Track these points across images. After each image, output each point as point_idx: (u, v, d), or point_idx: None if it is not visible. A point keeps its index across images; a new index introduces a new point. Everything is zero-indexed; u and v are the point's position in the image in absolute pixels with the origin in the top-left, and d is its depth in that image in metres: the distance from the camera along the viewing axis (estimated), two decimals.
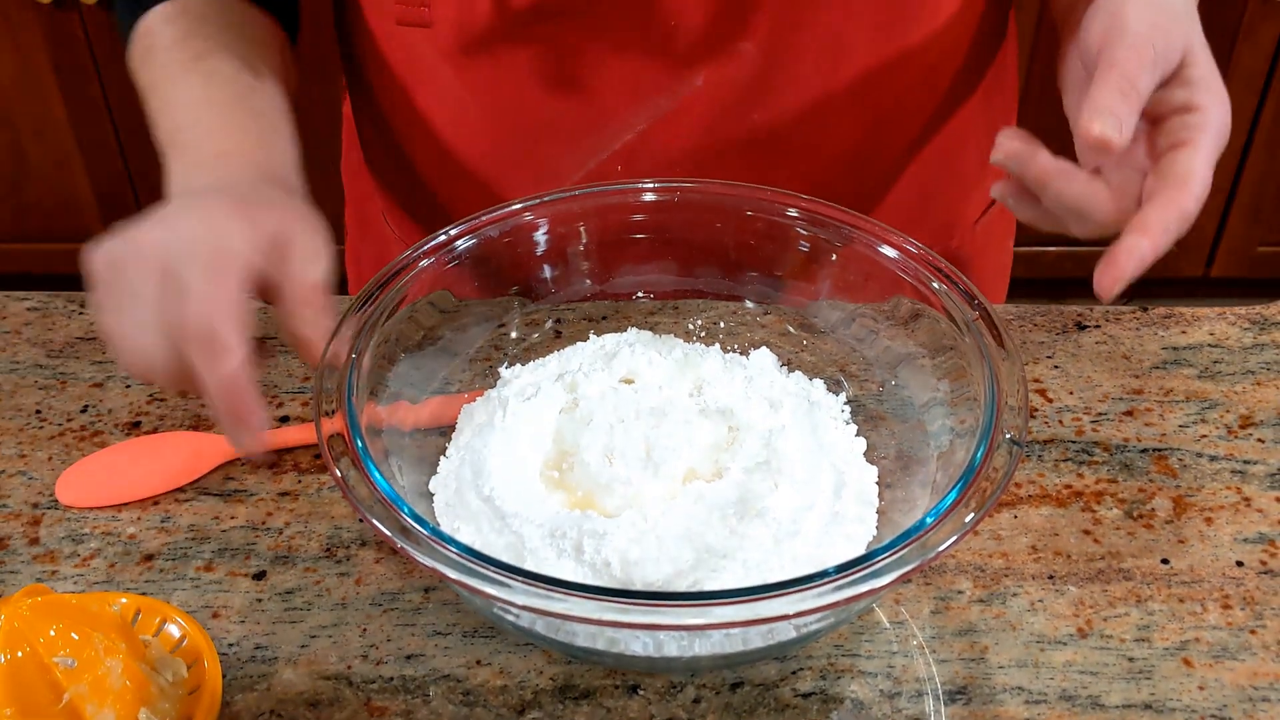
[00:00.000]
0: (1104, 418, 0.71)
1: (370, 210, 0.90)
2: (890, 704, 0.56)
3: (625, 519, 0.56)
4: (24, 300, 0.81)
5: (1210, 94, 0.57)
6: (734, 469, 0.59)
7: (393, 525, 0.49)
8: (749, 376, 0.66)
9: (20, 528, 0.65)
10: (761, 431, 0.61)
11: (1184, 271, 2.08)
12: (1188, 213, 0.55)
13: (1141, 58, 0.56)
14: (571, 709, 0.56)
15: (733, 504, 0.57)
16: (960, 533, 0.49)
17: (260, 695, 0.56)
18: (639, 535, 0.55)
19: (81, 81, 1.91)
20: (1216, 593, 0.61)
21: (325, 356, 0.56)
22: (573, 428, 0.61)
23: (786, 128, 0.75)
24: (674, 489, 0.58)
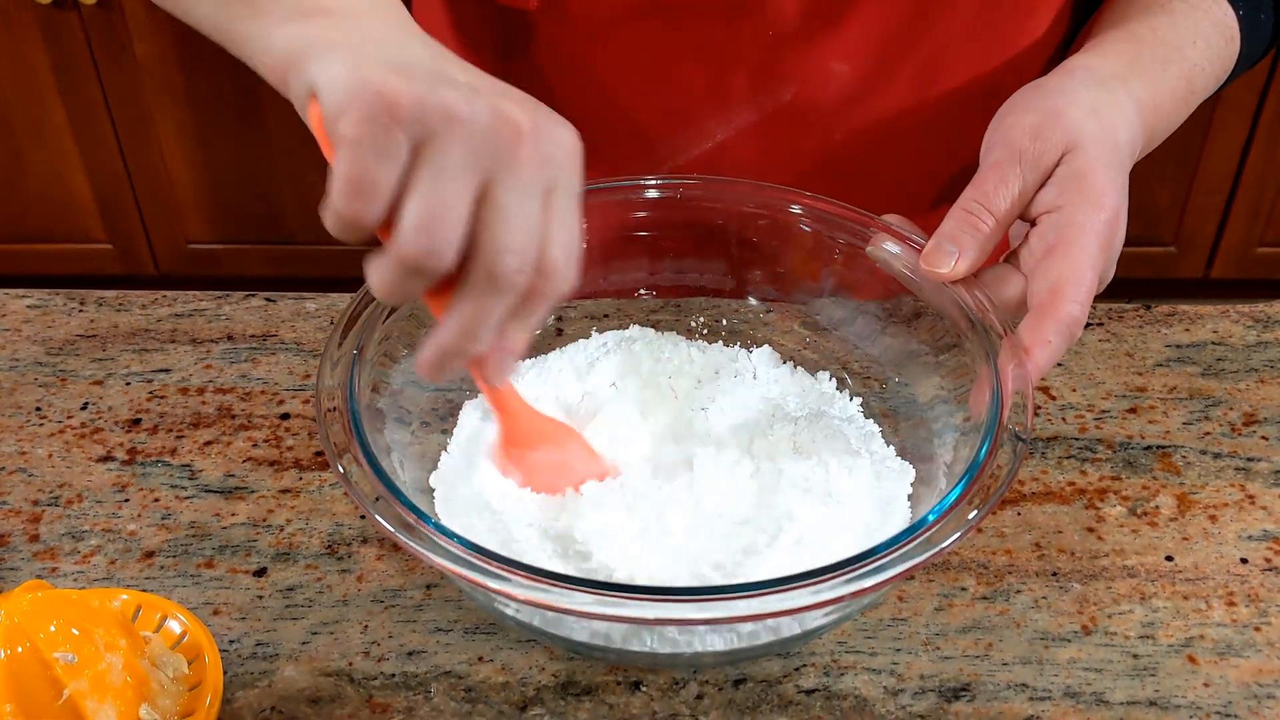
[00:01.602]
0: (1107, 415, 0.71)
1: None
2: (894, 700, 0.56)
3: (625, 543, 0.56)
4: (24, 298, 0.81)
5: (1078, 191, 0.56)
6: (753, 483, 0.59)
7: (395, 521, 0.49)
8: (754, 375, 0.65)
9: (20, 525, 0.65)
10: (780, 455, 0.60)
11: (1184, 273, 2.08)
12: (1067, 320, 0.55)
13: (1004, 174, 0.57)
14: (574, 705, 0.56)
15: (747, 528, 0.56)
16: (964, 530, 0.48)
17: (261, 692, 0.56)
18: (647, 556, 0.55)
19: (80, 82, 1.90)
20: (1221, 590, 0.61)
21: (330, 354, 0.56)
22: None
23: (868, 149, 0.75)
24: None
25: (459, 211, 0.45)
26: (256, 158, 1.99)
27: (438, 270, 0.45)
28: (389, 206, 0.45)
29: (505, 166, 0.45)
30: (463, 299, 0.46)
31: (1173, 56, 0.64)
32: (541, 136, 0.46)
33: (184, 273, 2.12)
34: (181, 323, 0.78)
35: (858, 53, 0.70)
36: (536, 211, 0.46)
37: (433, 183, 0.44)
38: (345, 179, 0.44)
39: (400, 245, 0.45)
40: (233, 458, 0.69)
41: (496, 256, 0.45)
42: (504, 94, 0.47)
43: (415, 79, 0.44)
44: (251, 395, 0.73)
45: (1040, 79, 0.62)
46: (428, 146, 0.44)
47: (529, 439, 0.58)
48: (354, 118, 0.44)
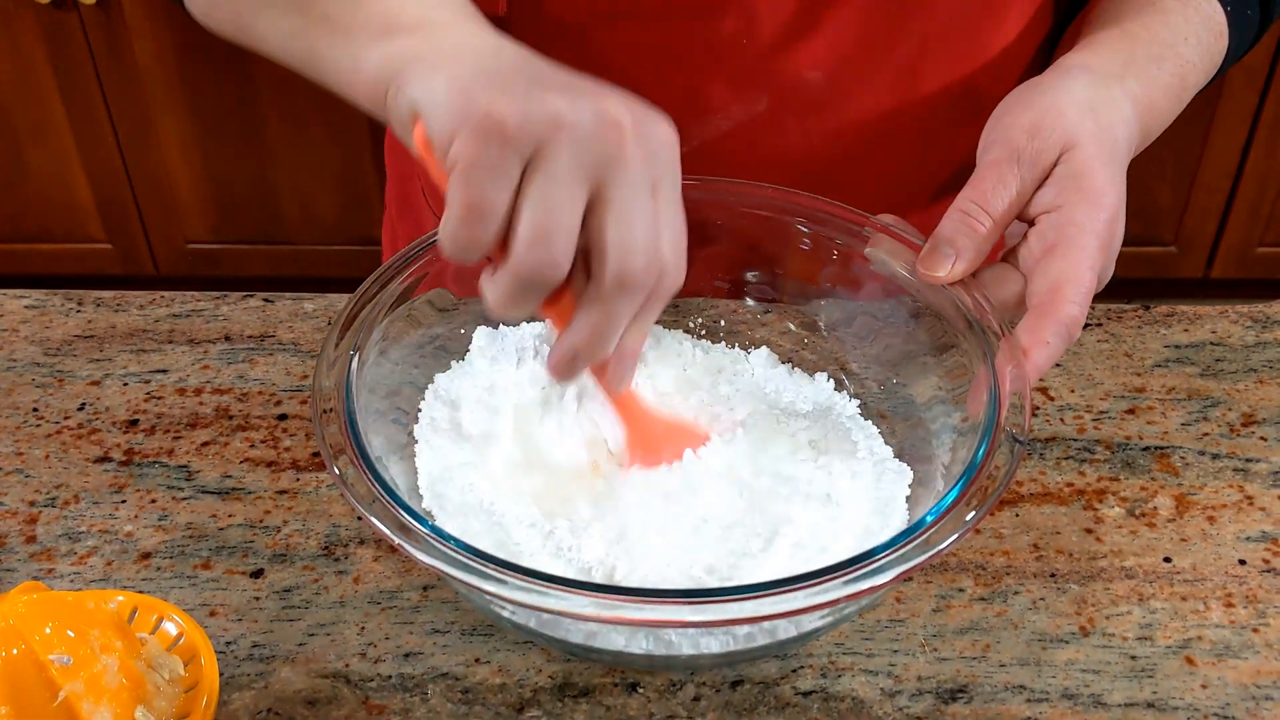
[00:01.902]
0: (1106, 416, 0.71)
1: (411, 189, 0.89)
2: (891, 702, 0.56)
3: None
4: (21, 298, 0.81)
5: (1077, 190, 0.56)
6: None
7: (391, 523, 0.49)
8: (751, 375, 0.65)
9: (17, 526, 0.64)
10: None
11: (1184, 272, 2.08)
12: (1066, 320, 0.54)
13: (1002, 174, 0.57)
14: (571, 707, 0.56)
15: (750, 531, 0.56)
16: (961, 531, 0.48)
17: (258, 693, 0.56)
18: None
19: (80, 82, 1.90)
20: (1219, 591, 0.61)
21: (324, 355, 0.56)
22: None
23: (846, 154, 0.75)
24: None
25: (571, 220, 0.45)
26: (256, 158, 1.99)
27: (554, 281, 0.46)
28: (505, 225, 0.45)
29: (615, 167, 0.45)
30: (591, 302, 0.47)
31: (1166, 54, 0.64)
32: (644, 132, 0.46)
33: (184, 273, 2.12)
34: (179, 323, 0.78)
35: (834, 58, 0.70)
36: (651, 208, 0.46)
37: (544, 194, 0.44)
38: (463, 204, 0.45)
39: (516, 261, 0.45)
40: (230, 459, 0.68)
41: (624, 259, 0.45)
42: (601, 93, 0.46)
43: (517, 91, 0.45)
44: (249, 396, 0.73)
45: (1036, 77, 0.61)
46: (537, 159, 0.44)
47: (654, 443, 0.58)
48: (466, 141, 0.44)
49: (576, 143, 0.44)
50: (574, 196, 0.45)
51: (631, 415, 0.58)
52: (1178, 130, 0.67)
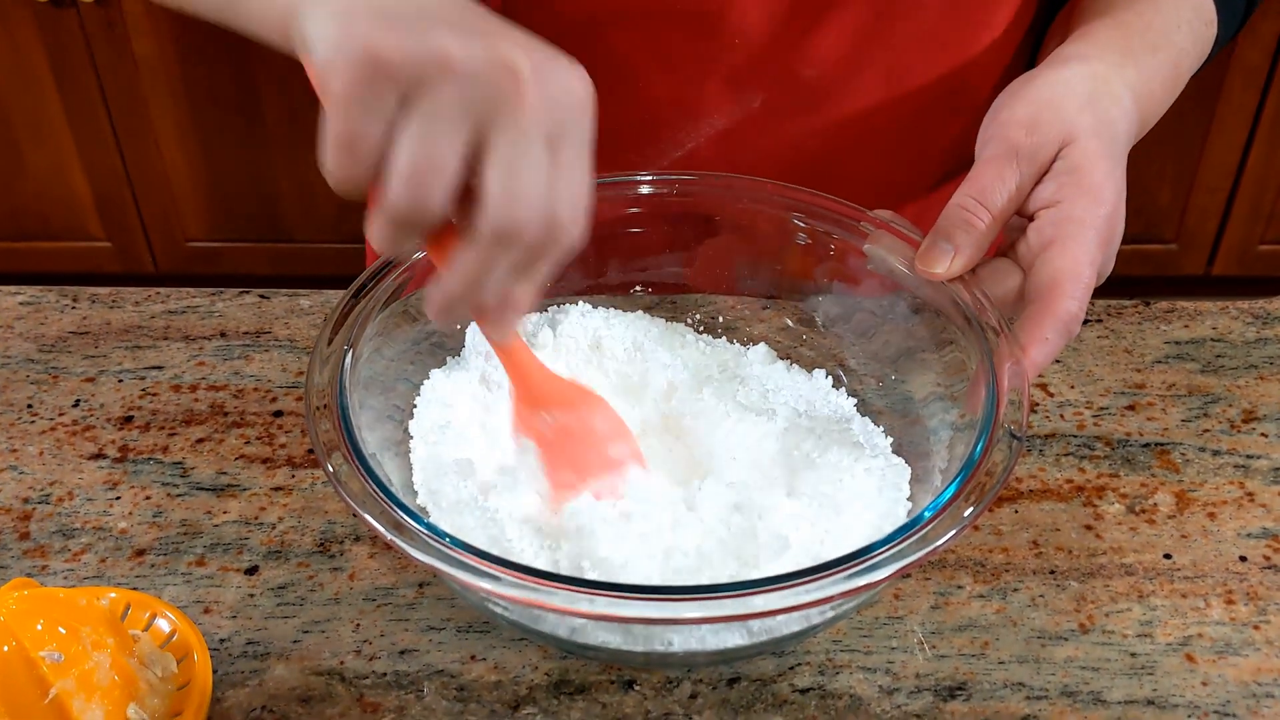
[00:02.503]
0: (1106, 412, 0.71)
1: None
2: (889, 700, 0.55)
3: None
4: (16, 295, 0.80)
5: (1076, 185, 0.56)
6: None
7: (385, 520, 0.48)
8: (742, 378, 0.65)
9: (11, 522, 0.64)
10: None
11: (1185, 270, 2.08)
12: (1065, 317, 0.54)
13: (1000, 170, 0.57)
14: (566, 704, 0.55)
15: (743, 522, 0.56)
16: (959, 527, 0.48)
17: (252, 691, 0.56)
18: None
19: (79, 79, 1.90)
20: (1220, 588, 0.60)
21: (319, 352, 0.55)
22: None
23: (836, 151, 0.74)
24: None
25: (449, 160, 0.43)
26: (255, 155, 1.98)
27: (427, 221, 0.44)
28: (380, 161, 0.44)
29: (504, 114, 0.43)
30: (467, 249, 0.45)
31: (1160, 42, 0.64)
32: (546, 81, 0.44)
33: (183, 271, 2.12)
34: (174, 320, 0.78)
35: (828, 57, 0.70)
36: (542, 161, 0.44)
37: (421, 132, 0.43)
38: (334, 137, 0.43)
39: (388, 197, 0.44)
40: (225, 455, 0.68)
41: (501, 208, 0.44)
42: (505, 36, 0.45)
43: (407, 26, 0.43)
44: (244, 392, 0.72)
45: (1034, 70, 0.61)
46: (417, 95, 0.43)
47: (543, 400, 0.56)
48: (341, 75, 0.43)
49: (462, 83, 0.43)
50: (453, 137, 0.43)
51: (517, 368, 0.56)
52: (1179, 128, 0.67)
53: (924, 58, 0.72)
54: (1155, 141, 0.66)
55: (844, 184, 0.71)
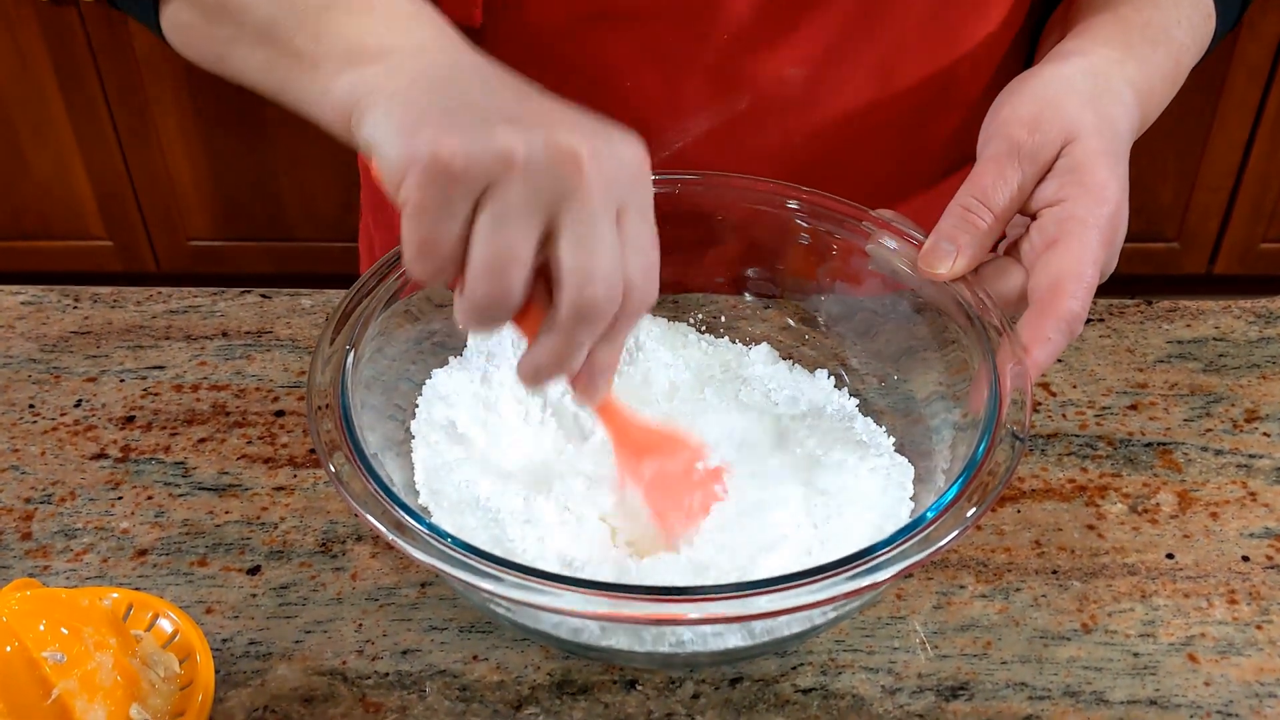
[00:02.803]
0: (1108, 412, 0.71)
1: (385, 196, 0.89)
2: (891, 700, 0.55)
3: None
4: (17, 294, 0.80)
5: (1079, 184, 0.56)
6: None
7: (387, 520, 0.48)
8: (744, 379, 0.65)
9: (13, 522, 0.64)
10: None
11: (1187, 269, 2.08)
12: (1067, 316, 0.54)
13: (1002, 169, 0.57)
14: (569, 704, 0.55)
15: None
16: (962, 528, 0.48)
17: (254, 691, 0.56)
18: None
19: (80, 79, 1.90)
20: (1222, 588, 0.60)
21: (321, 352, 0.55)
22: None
23: (827, 149, 0.74)
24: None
25: (523, 252, 0.45)
26: (257, 154, 1.98)
27: (509, 310, 0.46)
28: (460, 260, 0.46)
29: (570, 199, 0.45)
30: (552, 329, 0.47)
31: (1161, 38, 0.64)
32: (603, 159, 0.46)
33: (184, 270, 2.12)
34: (176, 319, 0.78)
35: (814, 56, 0.70)
36: (610, 236, 0.46)
37: (494, 229, 0.45)
38: (412, 244, 0.46)
39: (469, 291, 0.46)
40: (227, 455, 0.68)
41: (581, 288, 0.46)
42: (560, 121, 0.47)
43: (469, 129, 0.45)
44: (246, 392, 0.72)
45: (1034, 67, 0.61)
46: (488, 195, 0.45)
47: (638, 450, 0.58)
48: (413, 184, 0.45)
49: (529, 179, 0.45)
50: (526, 231, 0.45)
51: (616, 424, 0.58)
52: (1180, 126, 0.67)
53: (914, 54, 0.72)
54: (1157, 140, 0.66)
55: (836, 182, 0.71)
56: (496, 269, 0.45)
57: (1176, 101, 0.68)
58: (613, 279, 0.46)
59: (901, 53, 0.71)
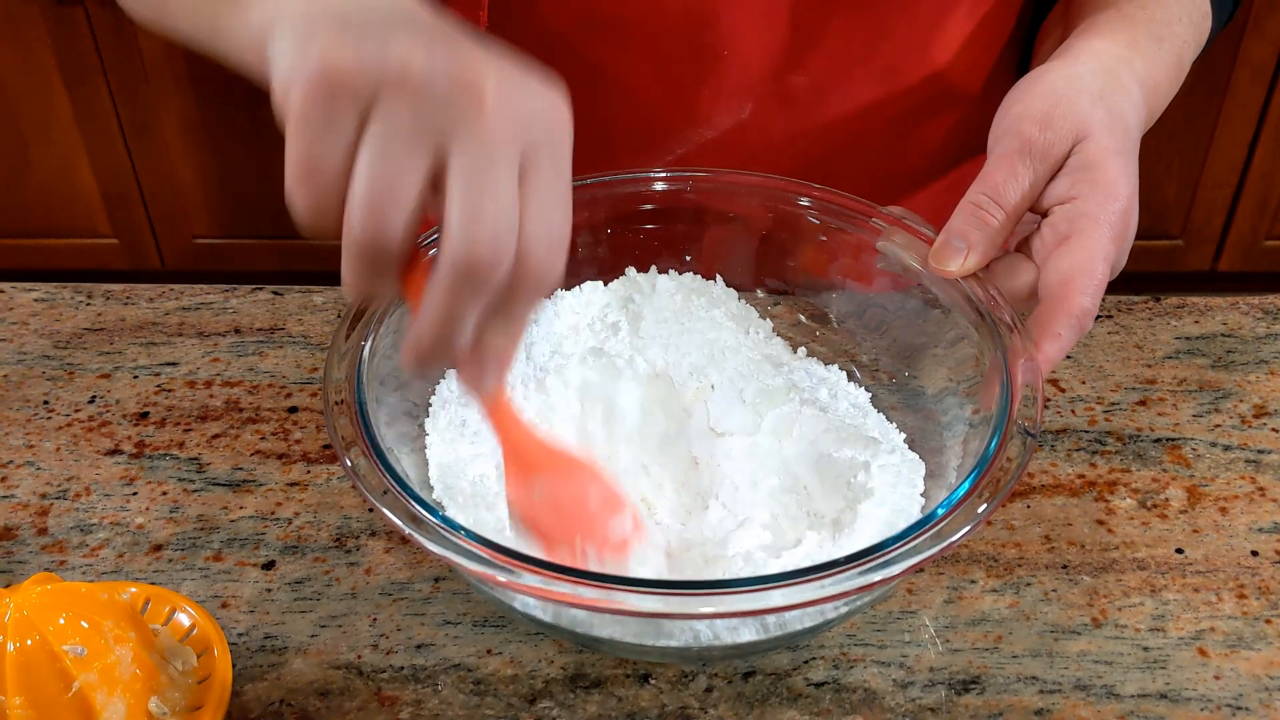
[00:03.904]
0: (1117, 407, 0.71)
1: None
2: (903, 693, 0.56)
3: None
4: (31, 291, 0.81)
5: (1091, 181, 0.56)
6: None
7: (402, 514, 0.49)
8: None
9: (29, 518, 0.65)
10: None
11: (1192, 265, 2.08)
12: (1078, 312, 0.54)
13: (1014, 167, 0.57)
14: (583, 698, 0.56)
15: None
16: (973, 523, 0.48)
17: (270, 684, 0.56)
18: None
19: (86, 77, 1.90)
20: (1231, 582, 0.61)
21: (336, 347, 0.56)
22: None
23: (825, 149, 0.75)
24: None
25: (409, 185, 0.40)
26: (262, 152, 1.99)
27: (391, 254, 0.41)
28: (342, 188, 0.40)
29: (464, 132, 0.40)
30: (434, 289, 0.41)
31: (1165, 34, 0.64)
32: (513, 98, 0.40)
33: (190, 268, 2.12)
34: (189, 316, 0.78)
35: (819, 63, 0.70)
36: (507, 187, 0.40)
37: (378, 153, 0.39)
38: (293, 163, 0.41)
39: (348, 228, 0.40)
40: (240, 451, 0.68)
41: (460, 236, 0.40)
42: (470, 49, 0.41)
43: (367, 36, 0.40)
44: (259, 388, 0.73)
45: (1044, 65, 0.61)
46: (374, 112, 0.39)
47: (530, 465, 0.51)
48: (297, 92, 0.40)
49: (420, 98, 0.39)
50: (413, 158, 0.39)
51: (507, 430, 0.50)
52: (1185, 124, 0.68)
53: (912, 58, 0.72)
54: (1162, 137, 0.67)
55: (836, 179, 0.72)
56: (378, 199, 0.39)
57: (1181, 98, 0.68)
58: (500, 234, 0.40)
59: (900, 57, 0.72)
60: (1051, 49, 0.65)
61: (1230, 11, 0.72)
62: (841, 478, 0.57)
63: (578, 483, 0.52)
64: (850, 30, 0.69)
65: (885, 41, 0.70)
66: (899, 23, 0.70)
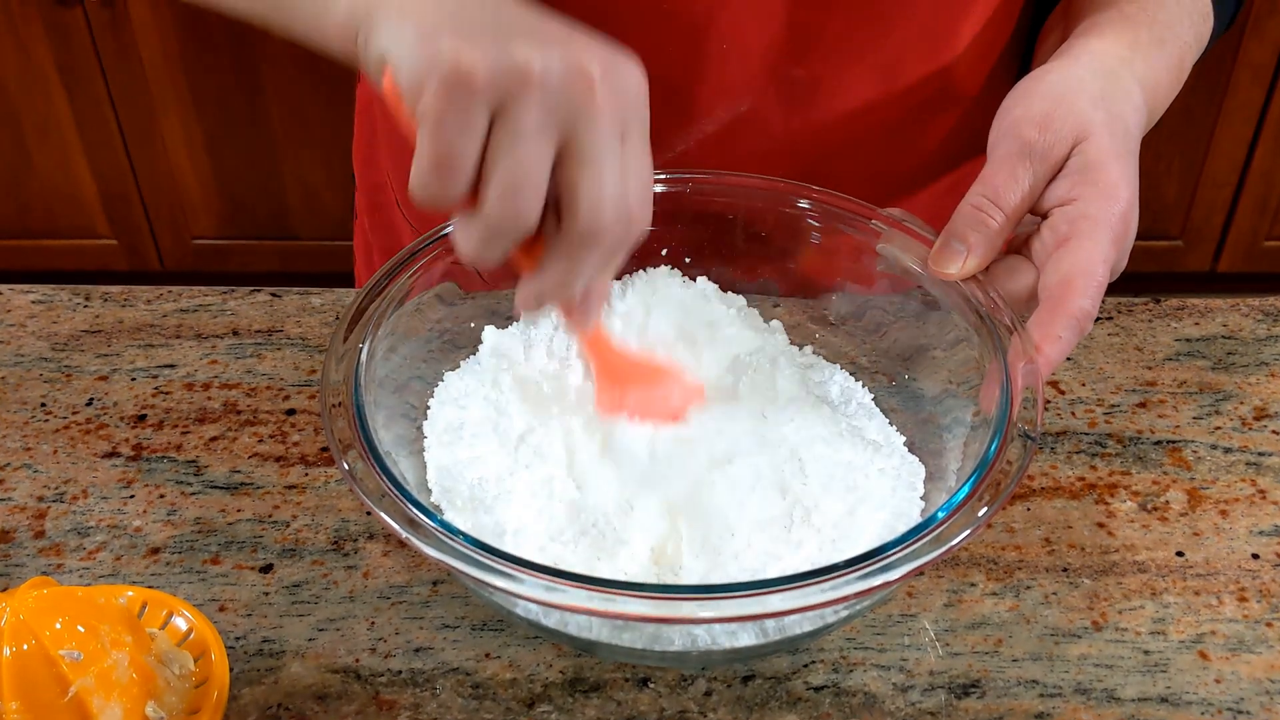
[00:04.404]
0: (1117, 410, 0.71)
1: (383, 199, 0.89)
2: (903, 697, 0.55)
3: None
4: (28, 293, 0.80)
5: (1091, 183, 0.56)
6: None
7: (400, 518, 0.48)
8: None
9: (26, 520, 0.64)
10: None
11: (1191, 266, 2.08)
12: (1078, 314, 0.54)
13: (1013, 169, 0.57)
14: (581, 702, 0.55)
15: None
16: (973, 527, 0.48)
17: (268, 688, 0.56)
18: None
19: (85, 78, 1.90)
20: (1232, 585, 0.61)
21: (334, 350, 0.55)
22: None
23: (825, 147, 0.74)
24: None
25: (541, 173, 0.45)
26: (261, 153, 1.99)
27: (524, 232, 0.46)
28: (474, 178, 0.45)
29: (584, 118, 0.45)
30: (560, 251, 0.47)
31: (1166, 35, 0.64)
32: (612, 80, 0.46)
33: (189, 268, 2.12)
34: (186, 318, 0.78)
35: (819, 60, 0.70)
36: (619, 160, 0.46)
37: (513, 148, 0.44)
38: (430, 158, 0.45)
39: (487, 212, 0.45)
40: (238, 454, 0.68)
41: (593, 212, 0.46)
42: (571, 39, 0.46)
43: (487, 41, 0.44)
44: (257, 391, 0.73)
45: (1044, 66, 0.61)
46: (506, 111, 0.44)
47: (623, 378, 0.59)
48: (433, 93, 0.44)
49: (545, 95, 0.44)
50: (542, 149, 0.45)
51: (599, 351, 0.59)
52: (1185, 124, 0.68)
53: (913, 55, 0.72)
54: (1162, 137, 0.66)
55: (836, 182, 0.72)
56: (515, 190, 0.45)
57: (1181, 99, 0.68)
58: (621, 205, 0.46)
59: (900, 54, 0.71)
60: (1052, 49, 0.65)
61: (1232, 13, 0.72)
62: (841, 481, 0.57)
63: (664, 384, 0.60)
64: (850, 24, 0.69)
65: (885, 37, 0.70)
66: (898, 18, 0.69)
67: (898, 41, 0.71)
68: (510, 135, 0.45)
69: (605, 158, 0.46)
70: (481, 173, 0.45)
